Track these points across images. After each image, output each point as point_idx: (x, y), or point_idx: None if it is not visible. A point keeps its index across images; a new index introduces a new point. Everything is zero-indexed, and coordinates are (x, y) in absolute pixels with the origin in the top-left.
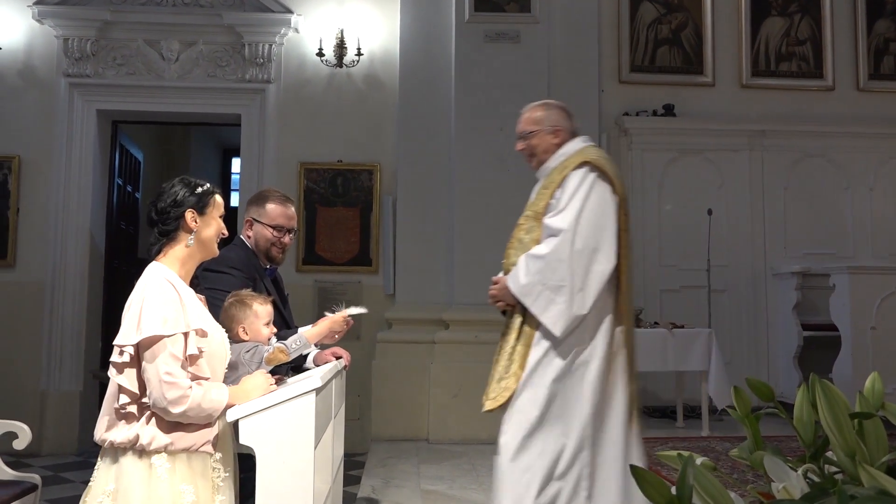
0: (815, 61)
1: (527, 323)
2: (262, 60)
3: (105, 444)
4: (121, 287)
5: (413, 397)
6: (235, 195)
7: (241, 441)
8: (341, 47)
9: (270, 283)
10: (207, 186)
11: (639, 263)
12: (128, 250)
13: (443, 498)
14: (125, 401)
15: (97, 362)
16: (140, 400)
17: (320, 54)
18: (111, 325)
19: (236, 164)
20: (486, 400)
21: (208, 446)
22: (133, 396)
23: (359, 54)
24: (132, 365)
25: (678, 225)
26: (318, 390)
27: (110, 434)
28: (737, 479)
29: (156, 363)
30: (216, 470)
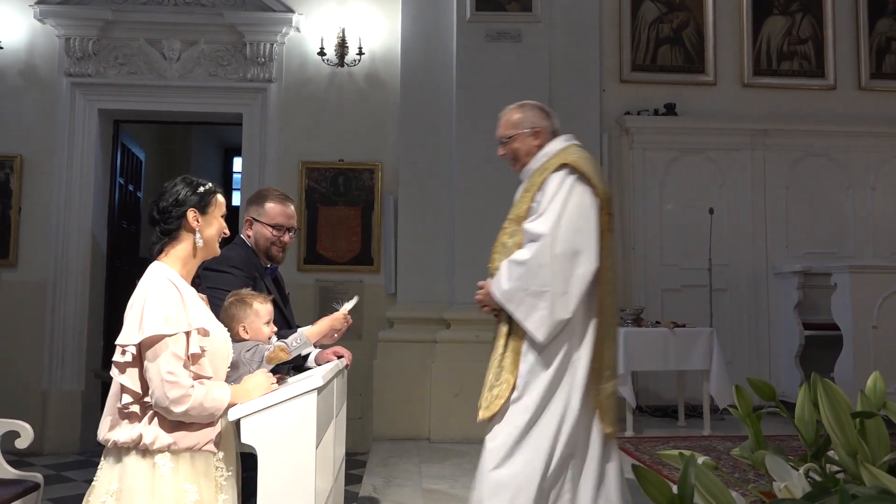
0: (817, 60)
1: (514, 329)
2: (263, 60)
3: (108, 444)
4: (122, 286)
5: (414, 396)
6: (237, 194)
7: (243, 440)
8: (343, 46)
9: (271, 282)
10: (209, 186)
11: (640, 263)
12: (129, 250)
13: (444, 497)
14: (128, 400)
15: (99, 361)
16: (143, 399)
17: (322, 53)
18: (113, 324)
19: (238, 163)
20: (480, 409)
21: (211, 445)
22: (136, 396)
23: (360, 53)
24: (134, 365)
25: (679, 224)
26: (319, 389)
27: (113, 434)
28: (738, 478)
29: (157, 362)
30: (219, 469)
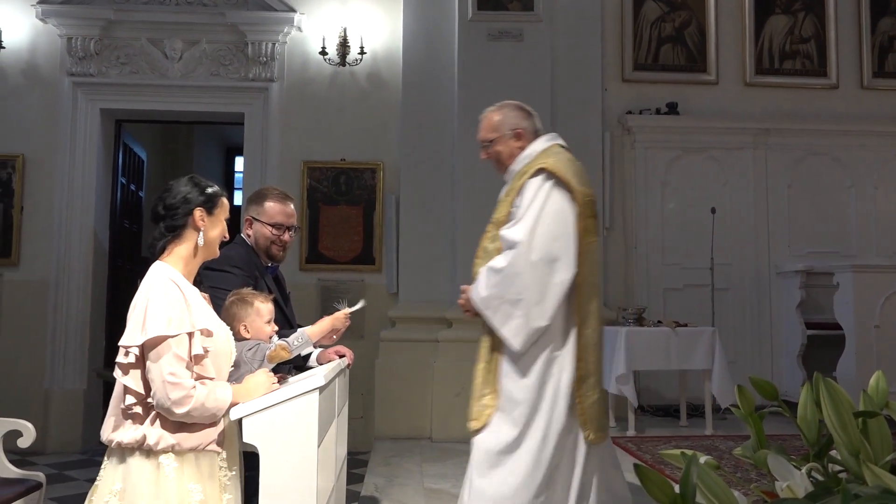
0: (819, 59)
1: (496, 336)
2: (265, 59)
3: (112, 445)
4: (124, 286)
5: (416, 396)
6: (239, 194)
7: (245, 439)
8: (344, 46)
9: (272, 281)
10: (217, 188)
11: (642, 262)
12: (131, 249)
13: (446, 496)
14: (131, 401)
15: (101, 361)
16: (146, 400)
17: (323, 53)
18: (115, 323)
19: (239, 162)
20: (470, 420)
21: (214, 445)
22: (139, 397)
23: (362, 53)
24: (138, 366)
25: (682, 223)
26: (321, 388)
27: (117, 434)
28: (740, 477)
29: (160, 363)
30: (223, 469)
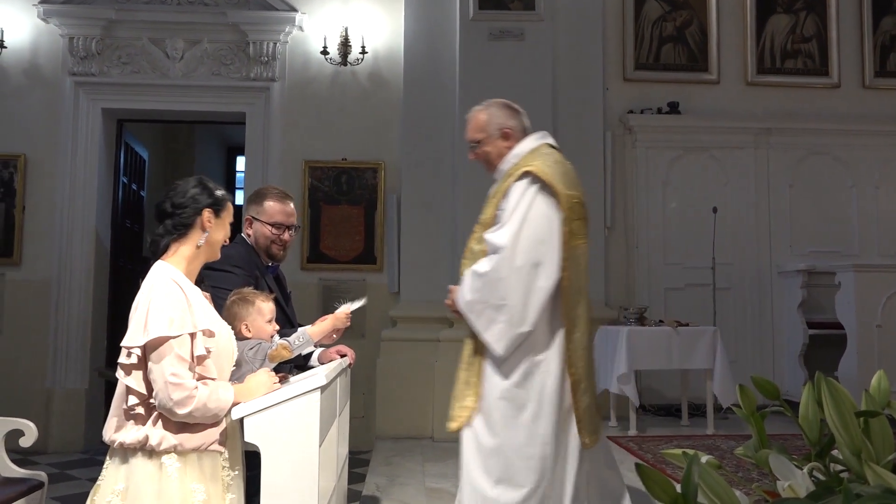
0: (821, 58)
1: (479, 338)
2: (266, 59)
3: (114, 445)
4: (126, 285)
5: (418, 395)
6: (240, 193)
7: (247, 438)
8: (346, 45)
9: (272, 280)
10: (224, 192)
11: (643, 261)
12: (133, 248)
13: (447, 496)
14: (133, 402)
15: (103, 360)
16: (148, 401)
17: (325, 52)
18: (117, 322)
19: (241, 162)
20: (449, 421)
21: (217, 445)
22: (141, 397)
23: (363, 52)
24: (140, 366)
25: (683, 223)
26: (322, 388)
27: (119, 435)
28: (742, 477)
29: (162, 364)
30: (225, 468)
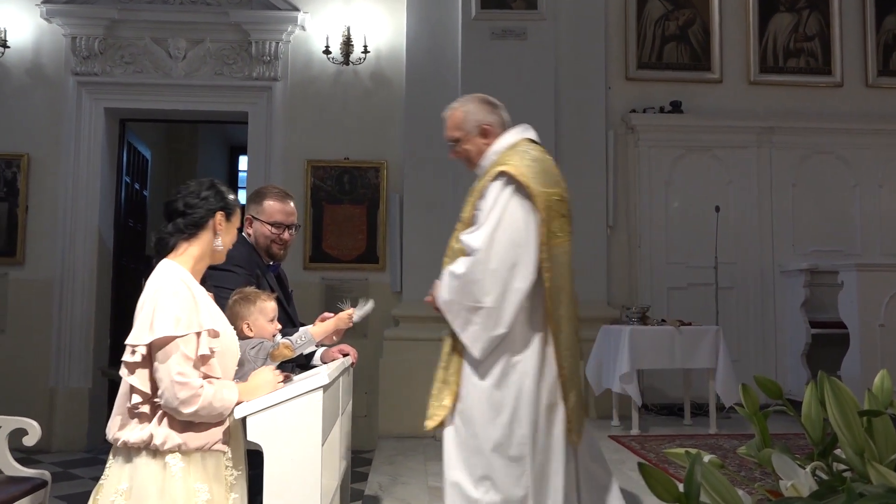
0: (824, 57)
1: (457, 339)
2: (268, 58)
3: (118, 444)
4: (129, 284)
5: (420, 394)
6: (243, 193)
7: (250, 437)
8: (348, 45)
9: (274, 279)
10: (235, 197)
11: (646, 261)
12: (136, 248)
13: None
14: (137, 400)
15: (106, 359)
16: (152, 400)
17: (327, 52)
18: (120, 322)
19: (243, 161)
20: (426, 419)
21: (220, 444)
22: (145, 396)
23: (365, 52)
24: (144, 365)
25: (685, 222)
26: (325, 387)
27: (123, 433)
28: (745, 476)
29: (168, 363)
30: (228, 468)
